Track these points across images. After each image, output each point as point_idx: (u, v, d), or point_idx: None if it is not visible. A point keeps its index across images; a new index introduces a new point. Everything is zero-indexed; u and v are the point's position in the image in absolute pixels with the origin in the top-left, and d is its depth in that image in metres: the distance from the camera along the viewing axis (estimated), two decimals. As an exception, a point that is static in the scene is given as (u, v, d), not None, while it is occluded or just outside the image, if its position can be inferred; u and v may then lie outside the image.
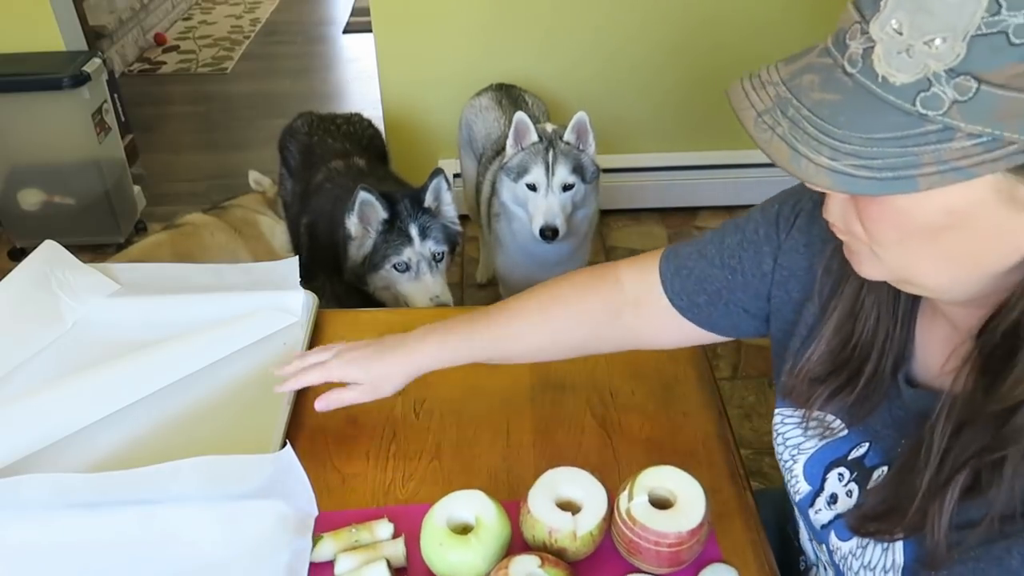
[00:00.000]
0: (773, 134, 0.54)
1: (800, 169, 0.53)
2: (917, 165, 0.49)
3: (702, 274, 0.88)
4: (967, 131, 0.48)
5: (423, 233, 1.70)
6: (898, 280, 0.63)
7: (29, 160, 2.80)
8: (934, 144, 0.49)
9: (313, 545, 0.84)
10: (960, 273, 0.58)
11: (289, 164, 2.34)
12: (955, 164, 0.49)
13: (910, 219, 0.55)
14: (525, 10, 2.72)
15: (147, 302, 1.22)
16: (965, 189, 0.50)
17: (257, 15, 5.63)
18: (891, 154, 0.50)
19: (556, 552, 0.80)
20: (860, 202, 0.58)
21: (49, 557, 0.85)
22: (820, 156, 0.52)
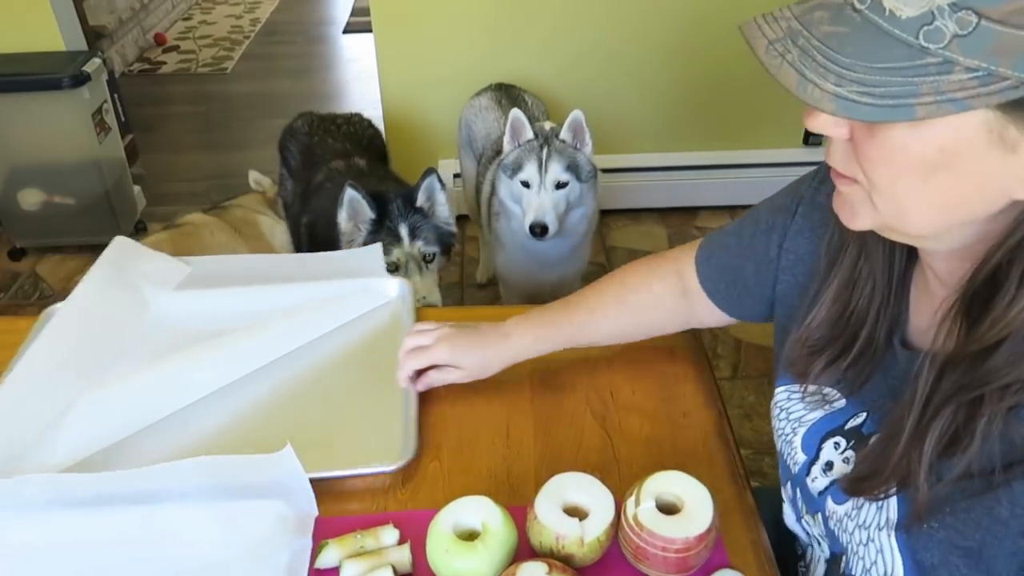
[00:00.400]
0: (783, 61, 0.57)
1: (806, 94, 0.55)
2: (916, 95, 0.52)
3: (725, 262, 0.98)
4: (965, 65, 0.51)
5: (413, 233, 1.68)
6: (885, 226, 0.65)
7: (29, 160, 2.79)
8: (933, 76, 0.52)
9: (318, 551, 0.83)
10: (948, 217, 0.60)
11: (289, 164, 2.33)
12: (951, 96, 0.52)
13: (905, 156, 0.57)
14: (525, 10, 2.72)
15: (234, 291, 1.23)
16: (957, 126, 0.54)
17: (257, 15, 5.62)
18: (893, 83, 0.53)
19: (563, 558, 0.80)
20: (859, 142, 0.60)
21: (49, 557, 0.85)
22: (826, 82, 0.55)
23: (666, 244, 2.92)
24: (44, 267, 2.89)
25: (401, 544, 0.85)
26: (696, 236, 0.98)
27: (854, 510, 0.75)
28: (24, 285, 2.81)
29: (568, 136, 1.92)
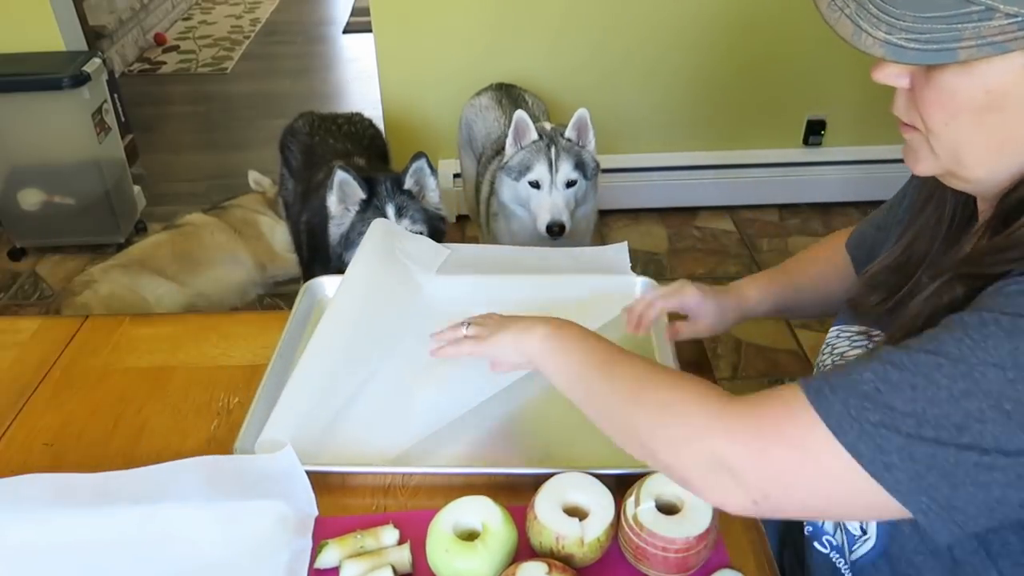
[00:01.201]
0: (842, 14, 0.63)
1: (860, 42, 0.61)
2: (959, 39, 0.58)
3: (864, 236, 1.03)
4: (1005, 11, 0.56)
5: (399, 212, 1.71)
6: (946, 171, 0.69)
7: (29, 160, 2.79)
8: (975, 22, 0.57)
9: (318, 551, 0.83)
10: (1001, 159, 0.65)
11: (290, 164, 2.33)
12: (991, 39, 0.57)
13: (955, 98, 0.62)
14: (525, 10, 2.72)
15: (492, 278, 1.26)
16: (1002, 68, 0.59)
17: (257, 15, 5.62)
18: (938, 30, 0.58)
19: (563, 559, 0.80)
20: (917, 90, 0.65)
21: (49, 557, 0.85)
22: (878, 31, 0.60)
23: (666, 244, 2.92)
24: (44, 267, 2.89)
25: (401, 544, 0.85)
26: (696, 236, 0.99)
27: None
28: (24, 285, 2.81)
29: (573, 134, 1.93)
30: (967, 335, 0.59)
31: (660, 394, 0.72)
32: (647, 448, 0.72)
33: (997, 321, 0.58)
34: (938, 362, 0.59)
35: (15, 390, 1.12)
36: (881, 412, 0.59)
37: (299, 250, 2.20)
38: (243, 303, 2.71)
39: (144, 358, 1.17)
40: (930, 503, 0.58)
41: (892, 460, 0.58)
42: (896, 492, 0.59)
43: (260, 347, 1.17)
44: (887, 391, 0.59)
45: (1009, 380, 0.56)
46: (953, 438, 0.57)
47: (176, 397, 1.10)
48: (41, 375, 1.14)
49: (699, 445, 0.67)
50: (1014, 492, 0.57)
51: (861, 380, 0.61)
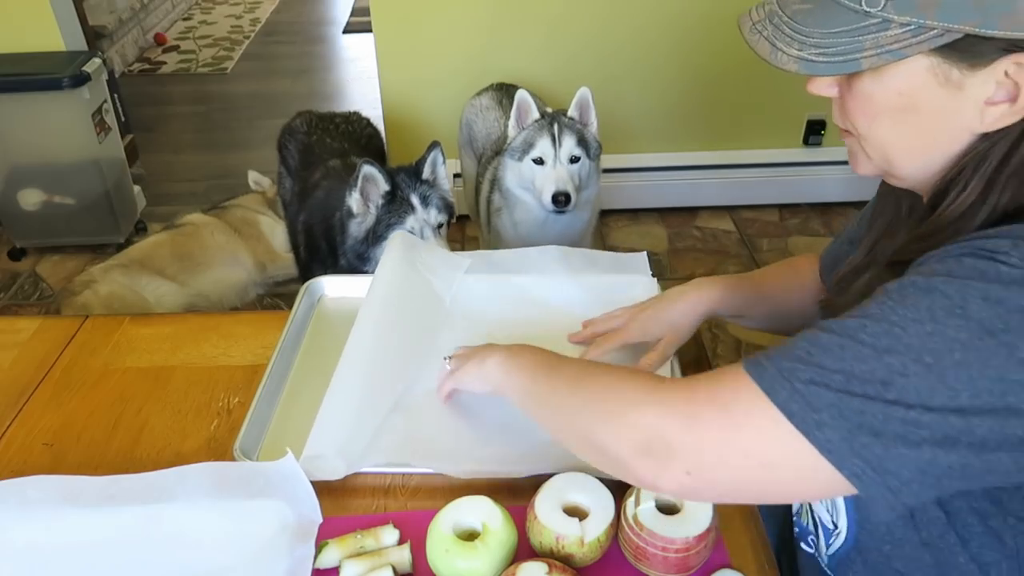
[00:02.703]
0: (760, 36, 0.69)
1: (777, 59, 0.68)
2: (861, 50, 0.64)
3: (837, 252, 1.03)
4: (899, 21, 0.62)
5: (424, 201, 1.73)
6: (884, 172, 0.75)
7: (29, 160, 2.79)
8: (874, 33, 0.63)
9: (318, 551, 0.83)
10: (924, 156, 0.70)
11: (288, 163, 2.33)
12: (889, 47, 0.63)
13: (872, 102, 0.69)
14: (525, 10, 2.72)
15: (510, 280, 1.27)
16: (907, 72, 0.65)
17: (257, 15, 5.62)
18: (842, 43, 0.65)
19: (563, 559, 0.80)
20: (844, 99, 0.72)
21: (53, 558, 0.85)
22: (791, 48, 0.67)
23: (666, 244, 2.92)
24: (44, 267, 2.89)
25: (401, 544, 0.85)
26: (696, 236, 1.00)
27: None
28: (24, 285, 2.81)
29: (575, 114, 1.94)
30: (889, 298, 0.62)
31: (598, 382, 0.75)
32: (585, 433, 0.74)
33: (914, 283, 0.62)
34: (863, 323, 0.61)
35: (15, 390, 1.12)
36: (811, 371, 0.61)
37: (296, 250, 2.20)
38: (243, 303, 2.71)
39: (144, 358, 1.17)
40: (864, 466, 0.59)
41: (823, 418, 0.59)
42: (828, 452, 0.59)
43: (260, 347, 1.17)
44: (817, 352, 0.62)
45: (927, 333, 0.58)
46: (880, 393, 0.58)
47: (176, 397, 1.10)
48: (41, 375, 1.14)
49: (633, 418, 0.68)
50: (943, 455, 0.58)
51: (794, 346, 0.64)
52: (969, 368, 0.57)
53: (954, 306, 0.58)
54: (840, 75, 0.69)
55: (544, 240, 1.97)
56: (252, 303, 2.73)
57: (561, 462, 0.90)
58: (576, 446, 0.77)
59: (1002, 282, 0.58)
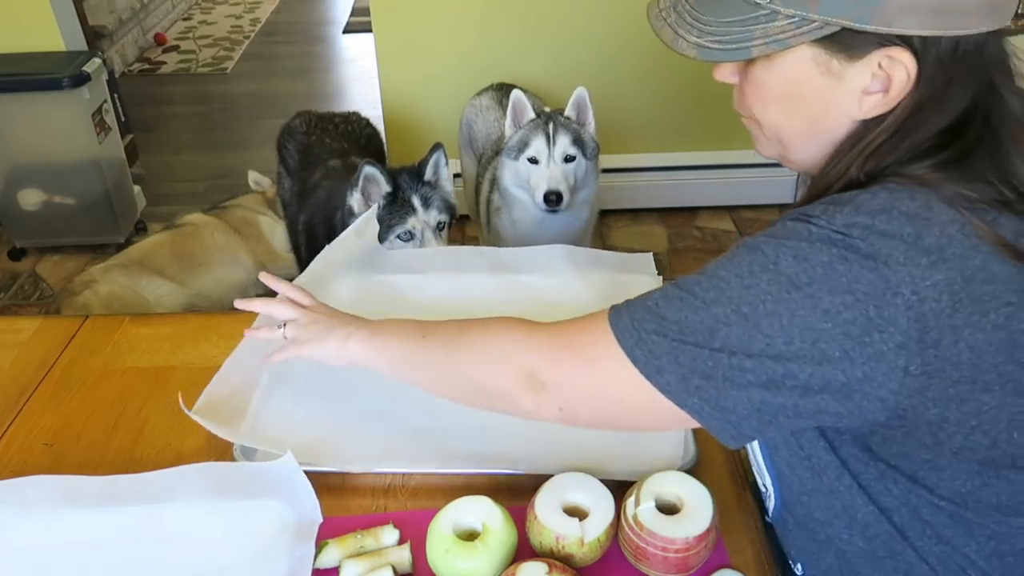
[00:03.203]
0: (664, 23, 0.74)
1: (678, 46, 0.72)
2: (751, 39, 0.68)
3: None
4: (785, 13, 0.66)
5: (425, 203, 1.74)
6: (780, 157, 0.80)
7: (29, 160, 2.79)
8: (763, 24, 0.67)
9: (318, 551, 0.83)
10: (813, 141, 0.74)
11: (287, 163, 2.33)
12: (776, 38, 0.67)
13: (765, 88, 0.73)
14: (526, 10, 2.72)
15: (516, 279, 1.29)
16: (793, 61, 0.69)
17: (257, 15, 5.62)
18: (735, 32, 0.69)
19: (563, 559, 0.80)
20: (742, 86, 0.76)
21: (53, 558, 0.85)
22: (691, 36, 0.71)
23: (666, 244, 2.92)
24: (44, 267, 2.89)
25: (401, 544, 0.85)
26: (696, 236, 0.99)
27: None
28: (24, 285, 2.81)
29: (572, 113, 1.94)
30: (724, 257, 0.70)
31: (474, 335, 0.84)
32: (473, 382, 0.83)
33: (744, 243, 0.69)
34: (699, 279, 0.69)
35: (15, 390, 1.12)
36: (656, 322, 0.69)
37: (297, 250, 2.20)
38: (243, 303, 2.70)
39: (144, 358, 1.18)
40: (701, 403, 0.68)
41: (662, 363, 0.68)
42: (668, 393, 0.68)
43: (260, 347, 1.17)
44: (663, 305, 0.70)
45: (745, 287, 0.66)
46: (707, 342, 0.66)
47: (176, 397, 1.10)
48: (41, 375, 1.14)
49: (513, 361, 0.79)
50: (771, 396, 0.65)
51: (649, 298, 0.72)
52: (780, 317, 0.64)
53: (768, 262, 0.65)
54: (734, 62, 0.74)
55: (542, 239, 1.97)
56: (252, 303, 2.72)
57: (561, 462, 0.90)
58: (457, 394, 0.86)
59: (810, 240, 0.64)
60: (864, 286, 0.61)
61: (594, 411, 0.77)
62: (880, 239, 0.62)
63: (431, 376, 0.88)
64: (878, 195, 0.65)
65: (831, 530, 0.78)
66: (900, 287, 0.61)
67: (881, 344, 0.62)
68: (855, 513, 0.75)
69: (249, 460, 0.95)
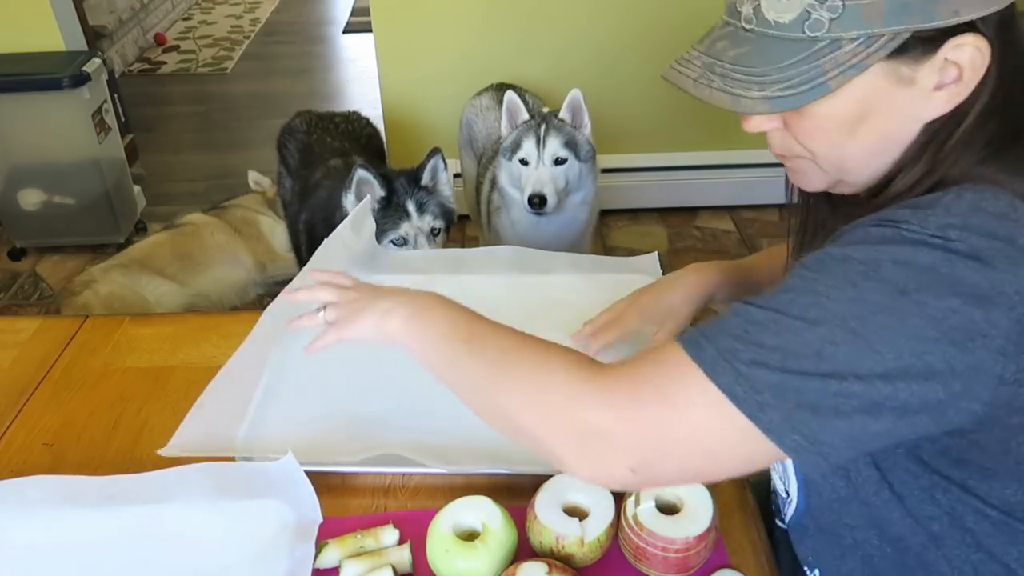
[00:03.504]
0: (711, 90, 0.69)
1: (742, 106, 0.67)
2: (823, 73, 0.64)
3: None
4: (848, 37, 0.63)
5: (420, 208, 1.73)
6: (835, 183, 0.75)
7: (29, 160, 2.79)
8: (829, 55, 0.64)
9: (318, 551, 0.83)
10: (882, 156, 0.70)
11: (288, 163, 2.33)
12: (850, 63, 0.64)
13: (832, 120, 0.68)
14: (526, 10, 2.72)
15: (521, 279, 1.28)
16: (864, 81, 0.65)
17: (257, 15, 5.62)
18: (802, 72, 0.65)
19: (563, 558, 0.80)
20: (793, 126, 0.71)
21: (53, 558, 0.85)
22: (752, 92, 0.66)
23: (666, 244, 2.92)
24: (44, 267, 2.89)
25: (401, 544, 0.85)
26: (696, 236, 1.00)
27: None
28: (24, 285, 2.81)
29: (567, 116, 1.94)
30: (809, 270, 0.64)
31: (526, 365, 0.71)
32: (515, 423, 0.70)
33: (828, 253, 0.64)
34: (791, 298, 0.63)
35: (15, 390, 1.12)
36: (751, 351, 0.61)
37: (298, 250, 2.20)
38: (243, 303, 2.71)
39: (144, 358, 1.18)
40: (801, 440, 0.60)
41: (765, 399, 0.60)
42: (770, 432, 0.60)
43: (260, 347, 1.17)
44: (754, 331, 0.62)
45: (850, 299, 0.60)
46: (816, 367, 0.59)
47: (176, 397, 1.10)
48: (41, 375, 1.14)
49: (570, 414, 0.66)
50: (872, 422, 0.60)
51: (730, 325, 0.64)
52: (891, 329, 0.59)
53: (868, 270, 0.61)
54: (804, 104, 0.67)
55: (540, 239, 1.98)
56: (252, 303, 2.73)
57: (524, 461, 0.90)
58: (490, 421, 0.75)
59: (907, 244, 0.61)
60: (969, 287, 0.58)
61: (681, 467, 0.65)
62: (979, 239, 0.59)
63: (466, 391, 0.77)
64: (963, 196, 0.62)
65: (860, 535, 0.77)
66: (1004, 286, 0.58)
67: (983, 350, 0.58)
68: (889, 522, 0.74)
69: (250, 459, 0.95)
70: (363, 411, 1.04)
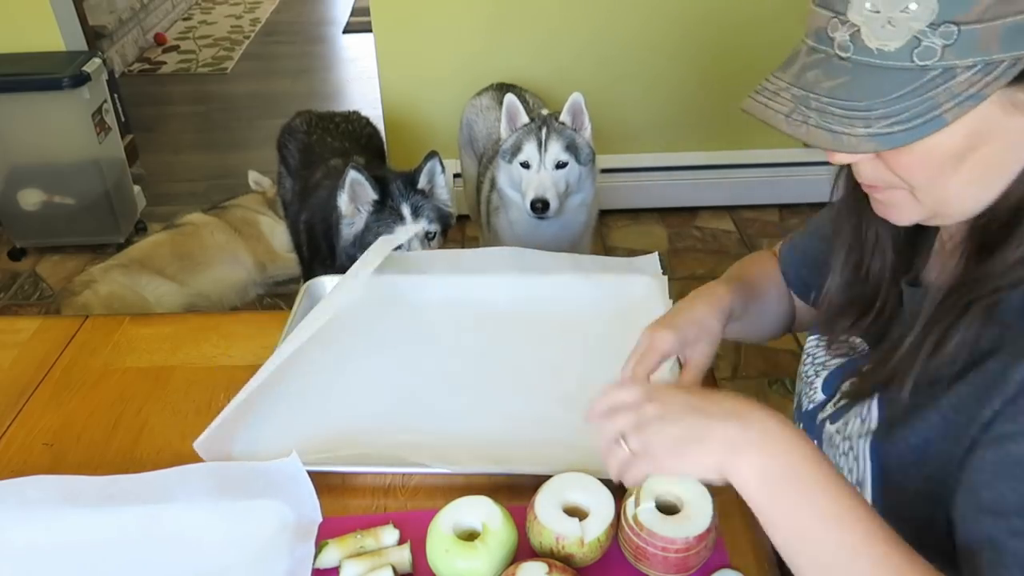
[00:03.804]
0: (808, 127, 0.62)
1: (844, 145, 0.61)
2: (937, 106, 0.58)
3: (807, 246, 1.00)
4: (963, 65, 0.58)
5: (415, 212, 1.72)
6: (932, 216, 0.69)
7: (29, 160, 2.79)
8: (943, 85, 0.58)
9: (318, 551, 0.83)
10: (989, 189, 0.65)
11: (288, 163, 2.33)
12: (967, 93, 0.58)
13: (939, 154, 0.62)
14: (525, 10, 2.72)
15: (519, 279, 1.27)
16: (978, 111, 0.59)
17: (257, 15, 5.62)
18: (912, 105, 0.59)
19: (563, 559, 0.80)
20: (889, 156, 0.65)
21: (53, 558, 0.85)
22: (856, 128, 0.60)
23: (666, 244, 2.92)
24: (44, 267, 2.89)
25: (401, 544, 0.85)
26: (696, 236, 0.99)
27: (843, 425, 0.80)
28: (24, 285, 2.81)
29: (568, 119, 1.94)
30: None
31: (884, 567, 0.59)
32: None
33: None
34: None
35: (15, 390, 1.12)
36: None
37: (299, 249, 2.20)
38: (243, 303, 2.71)
39: (144, 358, 1.17)
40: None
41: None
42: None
43: (260, 347, 1.17)
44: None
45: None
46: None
47: (176, 397, 1.10)
48: (41, 375, 1.14)
49: None
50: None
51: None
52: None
53: None
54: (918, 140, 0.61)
55: (539, 240, 1.98)
56: (252, 303, 2.73)
57: (561, 462, 0.90)
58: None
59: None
60: None
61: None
62: None
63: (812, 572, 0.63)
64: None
65: None
66: None
67: None
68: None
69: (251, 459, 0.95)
70: (363, 411, 1.04)
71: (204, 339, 1.20)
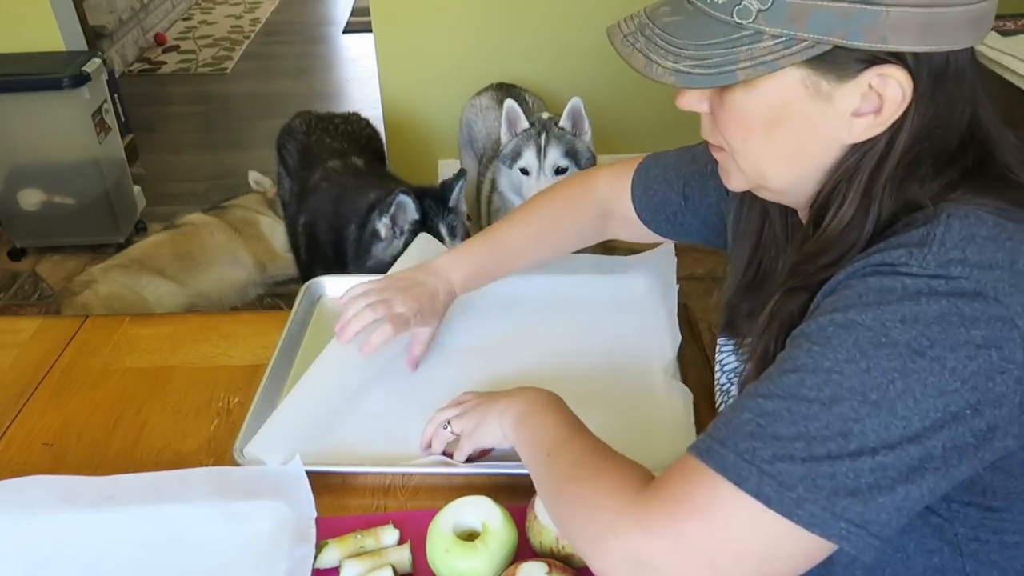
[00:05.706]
0: (633, 48, 0.69)
1: (652, 72, 0.66)
2: (736, 62, 0.63)
3: (664, 197, 1.04)
4: (771, 33, 0.61)
5: (451, 232, 1.74)
6: (755, 184, 0.74)
7: (29, 160, 2.79)
8: (747, 45, 0.62)
9: (318, 551, 0.83)
10: (797, 168, 0.69)
11: (287, 163, 2.33)
12: (763, 59, 0.62)
13: (746, 116, 0.67)
14: (526, 10, 2.72)
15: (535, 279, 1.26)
16: (779, 84, 0.64)
17: (257, 15, 5.62)
18: (717, 55, 0.64)
19: (563, 558, 0.80)
20: (716, 113, 0.71)
21: (53, 558, 0.85)
22: (666, 60, 0.66)
23: (666, 244, 2.91)
24: (44, 267, 2.89)
25: (401, 544, 0.85)
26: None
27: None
28: (24, 285, 2.81)
29: (567, 124, 1.94)
30: (814, 344, 0.60)
31: (585, 486, 0.70)
32: (575, 545, 0.70)
33: (832, 321, 0.61)
34: (800, 378, 0.60)
35: (15, 390, 1.12)
36: (771, 446, 0.58)
37: (296, 251, 2.20)
38: (243, 303, 2.71)
39: (144, 358, 1.18)
40: (848, 526, 0.57)
41: (800, 494, 0.57)
42: (813, 526, 0.57)
43: (260, 347, 1.17)
44: (768, 423, 0.59)
45: (864, 371, 0.58)
46: (843, 448, 0.57)
47: (176, 397, 1.10)
48: (41, 375, 1.14)
49: (614, 544, 0.63)
50: (914, 488, 0.58)
51: (742, 422, 0.61)
52: (913, 392, 0.57)
53: (878, 336, 0.58)
54: (714, 87, 0.67)
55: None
56: (252, 303, 2.73)
57: None
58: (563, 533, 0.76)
59: (910, 297, 0.58)
60: (982, 330, 0.57)
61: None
62: (981, 272, 0.58)
63: (547, 500, 0.77)
64: (951, 225, 0.60)
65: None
66: (1015, 319, 0.57)
67: (1003, 386, 0.57)
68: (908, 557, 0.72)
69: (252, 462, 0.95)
70: (363, 411, 1.04)
71: (204, 339, 1.20)
